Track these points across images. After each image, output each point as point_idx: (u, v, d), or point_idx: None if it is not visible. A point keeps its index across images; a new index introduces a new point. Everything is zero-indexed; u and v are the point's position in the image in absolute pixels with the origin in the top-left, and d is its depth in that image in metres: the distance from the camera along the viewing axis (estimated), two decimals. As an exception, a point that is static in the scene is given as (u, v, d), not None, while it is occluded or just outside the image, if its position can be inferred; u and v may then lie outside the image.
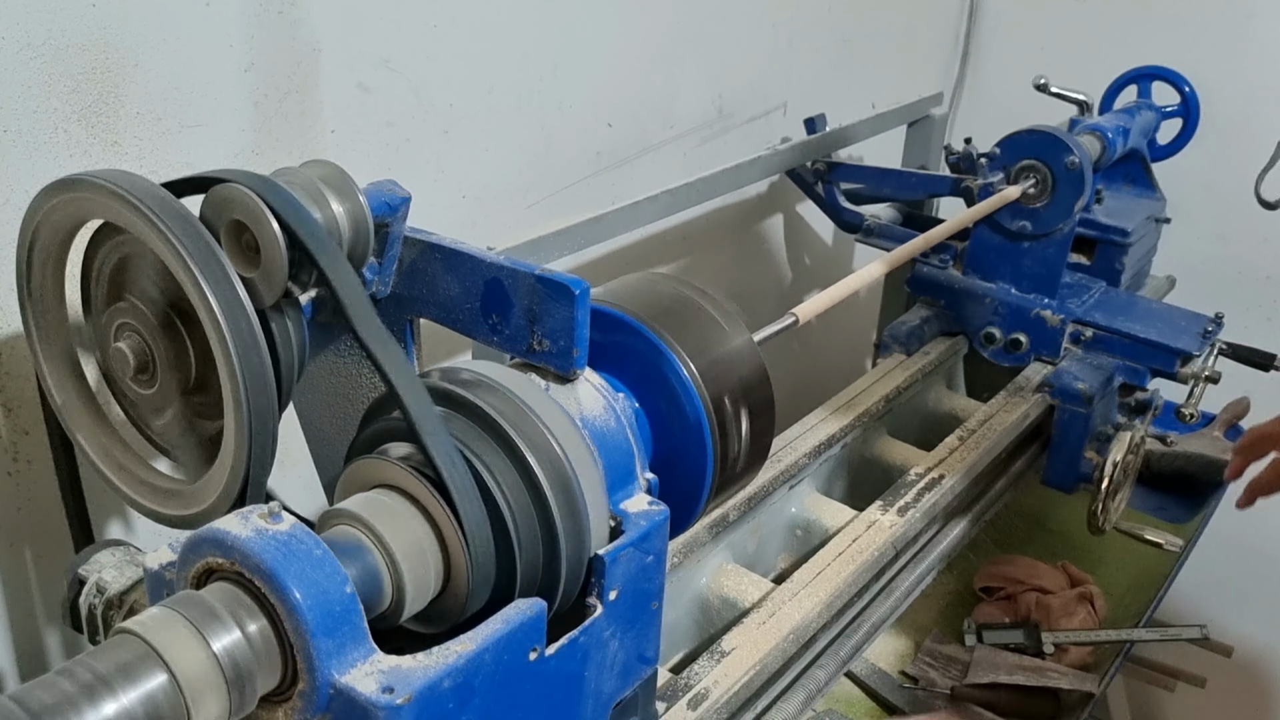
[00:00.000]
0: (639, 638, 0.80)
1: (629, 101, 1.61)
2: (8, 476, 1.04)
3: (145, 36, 1.02)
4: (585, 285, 0.78)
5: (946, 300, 1.72)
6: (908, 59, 2.26)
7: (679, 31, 1.66)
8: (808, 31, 1.93)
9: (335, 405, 0.92)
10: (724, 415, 0.88)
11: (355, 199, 0.80)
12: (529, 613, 0.68)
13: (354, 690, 0.60)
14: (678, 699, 0.99)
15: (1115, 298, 1.72)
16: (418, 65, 1.28)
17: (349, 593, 0.61)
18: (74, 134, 0.99)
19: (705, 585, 1.23)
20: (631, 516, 0.79)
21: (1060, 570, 1.54)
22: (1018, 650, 1.40)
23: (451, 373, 0.77)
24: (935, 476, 1.36)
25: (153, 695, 0.56)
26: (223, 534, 0.61)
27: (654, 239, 1.74)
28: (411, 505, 0.70)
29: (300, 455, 0.97)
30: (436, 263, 0.86)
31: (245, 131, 1.13)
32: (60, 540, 1.05)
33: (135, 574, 0.87)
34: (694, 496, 0.90)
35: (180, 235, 0.70)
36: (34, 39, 0.94)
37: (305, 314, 0.79)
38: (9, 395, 1.02)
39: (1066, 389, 1.55)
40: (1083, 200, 1.61)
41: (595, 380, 0.83)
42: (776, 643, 1.07)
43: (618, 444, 0.81)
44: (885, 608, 1.28)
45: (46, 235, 0.79)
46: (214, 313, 0.70)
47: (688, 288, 0.94)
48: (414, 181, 0.90)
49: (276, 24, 1.12)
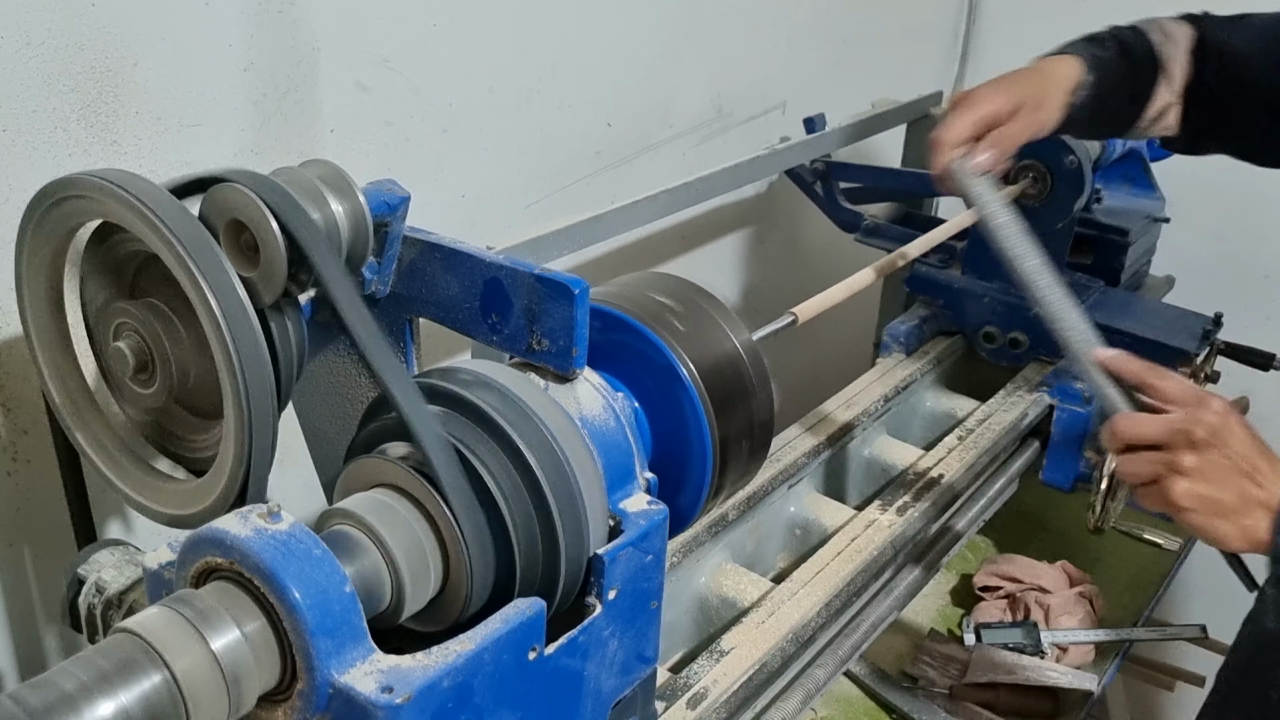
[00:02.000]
0: (638, 637, 0.81)
1: (628, 101, 1.61)
2: (7, 476, 1.04)
3: (145, 35, 1.02)
4: (584, 285, 0.78)
5: (945, 300, 1.72)
6: (907, 58, 2.26)
7: (678, 31, 1.66)
8: (807, 31, 1.93)
9: (334, 405, 0.92)
10: (723, 415, 0.88)
11: (354, 198, 0.80)
12: (528, 612, 0.68)
13: (353, 690, 0.60)
14: (677, 698, 0.99)
15: (1114, 297, 1.72)
16: (417, 64, 1.28)
17: (348, 592, 0.61)
18: (73, 133, 0.99)
19: (704, 584, 1.23)
20: (631, 516, 0.79)
21: (1059, 569, 1.54)
22: (1017, 649, 1.40)
23: (451, 372, 0.78)
24: (934, 476, 1.36)
25: (151, 695, 0.57)
26: (222, 533, 0.61)
27: (653, 238, 1.74)
28: (411, 505, 0.70)
29: (299, 455, 0.97)
30: (436, 262, 0.86)
31: (244, 131, 1.13)
32: (59, 539, 1.05)
33: (134, 573, 0.87)
34: (693, 496, 0.90)
35: (179, 235, 0.70)
36: (33, 38, 0.94)
37: (304, 314, 0.79)
38: (8, 395, 1.02)
39: (1065, 388, 1.55)
40: (1081, 200, 1.61)
41: (595, 380, 0.83)
42: (775, 642, 1.07)
43: (617, 443, 0.81)
44: (884, 607, 1.28)
45: (46, 234, 0.79)
46: (213, 312, 0.70)
47: (687, 287, 0.94)
48: (413, 181, 0.90)
49: (276, 23, 1.12)
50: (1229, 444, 0.93)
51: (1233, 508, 0.92)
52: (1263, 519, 0.91)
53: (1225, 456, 0.92)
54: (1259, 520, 0.91)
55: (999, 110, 1.16)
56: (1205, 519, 0.92)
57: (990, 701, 1.33)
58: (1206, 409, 0.94)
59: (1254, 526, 0.91)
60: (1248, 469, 0.92)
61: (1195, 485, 0.92)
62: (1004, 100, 1.16)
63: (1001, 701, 1.33)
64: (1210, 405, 0.94)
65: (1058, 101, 1.20)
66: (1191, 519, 0.93)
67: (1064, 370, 1.58)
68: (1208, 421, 0.93)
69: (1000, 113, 1.16)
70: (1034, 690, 1.35)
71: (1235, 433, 0.93)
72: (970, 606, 1.49)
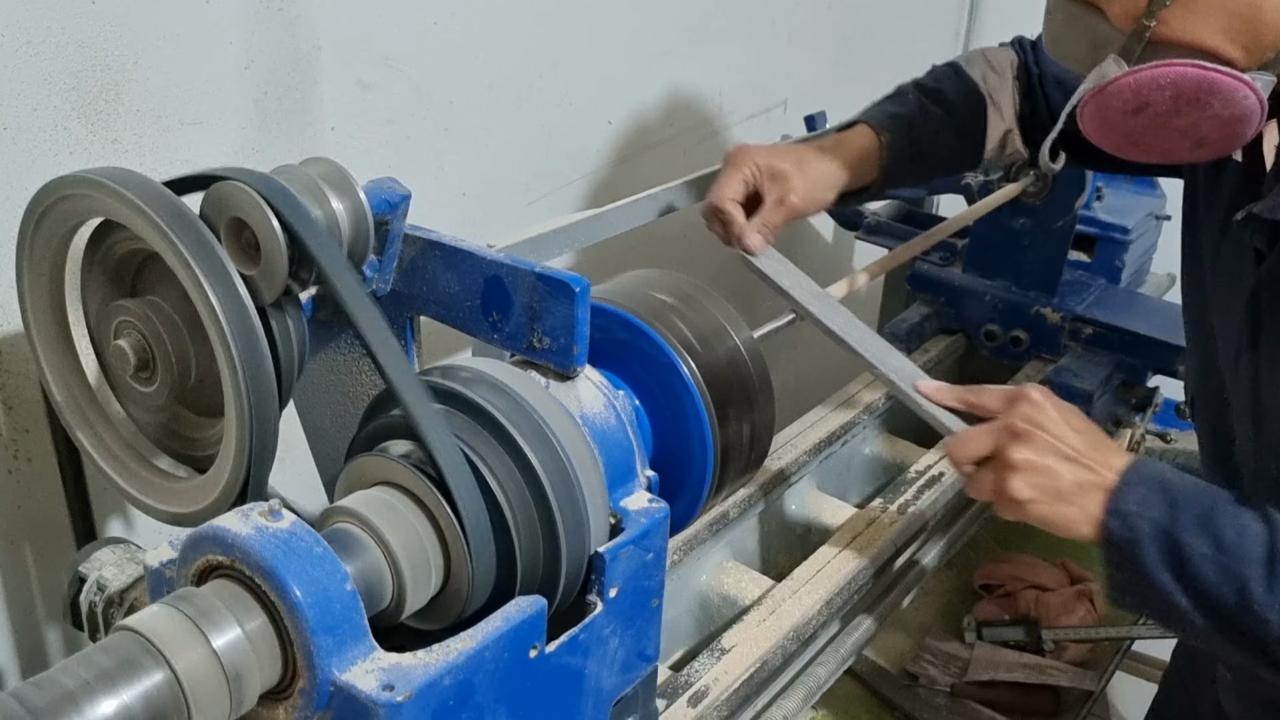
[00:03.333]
0: (639, 635, 0.81)
1: (629, 99, 1.61)
2: (8, 474, 1.04)
3: (145, 34, 1.01)
4: (585, 283, 0.78)
5: (946, 298, 1.72)
6: (908, 57, 2.26)
7: (679, 29, 1.66)
8: (808, 29, 1.93)
9: (335, 402, 0.92)
10: (724, 412, 0.88)
11: (355, 196, 0.80)
12: (529, 610, 0.68)
13: (354, 687, 0.60)
14: (678, 696, 0.99)
15: (1115, 295, 1.72)
16: (418, 62, 1.28)
17: (349, 590, 0.61)
18: (74, 131, 0.99)
19: (705, 583, 1.23)
20: (632, 514, 0.79)
21: (1060, 568, 1.54)
22: (1017, 647, 1.40)
23: (452, 370, 0.77)
24: (935, 474, 1.36)
25: (153, 693, 0.57)
26: (223, 531, 0.61)
27: (654, 237, 1.74)
28: (412, 502, 0.70)
29: (301, 453, 0.97)
30: (436, 260, 0.86)
31: (245, 129, 1.13)
32: (60, 538, 1.05)
33: (136, 572, 0.87)
34: (694, 494, 0.90)
35: (180, 233, 0.70)
36: (34, 36, 0.94)
37: (305, 311, 0.79)
38: (9, 393, 1.02)
39: (1066, 386, 1.55)
40: (1083, 198, 1.61)
41: (595, 377, 0.83)
42: (777, 640, 1.07)
43: (618, 441, 0.81)
44: (885, 605, 1.28)
45: (46, 232, 0.79)
46: (214, 310, 0.70)
47: (688, 285, 0.94)
48: (414, 179, 0.90)
49: (276, 21, 1.12)
50: (1047, 427, 0.94)
51: (1070, 491, 0.93)
52: (1097, 500, 0.92)
53: (1051, 439, 0.94)
54: (1095, 500, 0.92)
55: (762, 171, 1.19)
56: (1048, 507, 0.93)
57: (991, 699, 1.33)
58: (1021, 401, 0.97)
59: (1093, 506, 0.92)
60: (1070, 453, 0.94)
61: (1029, 476, 0.93)
62: (766, 162, 1.19)
63: (1002, 699, 1.33)
64: (1025, 396, 0.97)
65: (828, 180, 1.22)
66: (1037, 510, 0.94)
67: (1065, 369, 1.58)
68: (1023, 412, 0.95)
69: (763, 175, 1.19)
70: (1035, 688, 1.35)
71: (1050, 415, 0.95)
72: (971, 604, 1.49)
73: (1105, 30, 0.93)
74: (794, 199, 1.18)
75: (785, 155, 1.21)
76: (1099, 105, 0.94)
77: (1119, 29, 0.92)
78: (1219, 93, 0.88)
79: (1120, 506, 0.90)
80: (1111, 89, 0.92)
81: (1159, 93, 0.90)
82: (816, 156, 1.22)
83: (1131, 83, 0.90)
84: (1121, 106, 0.92)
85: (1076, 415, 0.97)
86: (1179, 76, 0.88)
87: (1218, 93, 0.88)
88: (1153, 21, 0.89)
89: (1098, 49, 0.94)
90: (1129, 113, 0.92)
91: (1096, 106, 0.94)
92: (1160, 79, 0.89)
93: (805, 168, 1.20)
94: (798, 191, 1.18)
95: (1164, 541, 0.88)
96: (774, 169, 1.19)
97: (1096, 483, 0.92)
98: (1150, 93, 0.90)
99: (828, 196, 1.23)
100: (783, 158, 1.20)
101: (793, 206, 1.19)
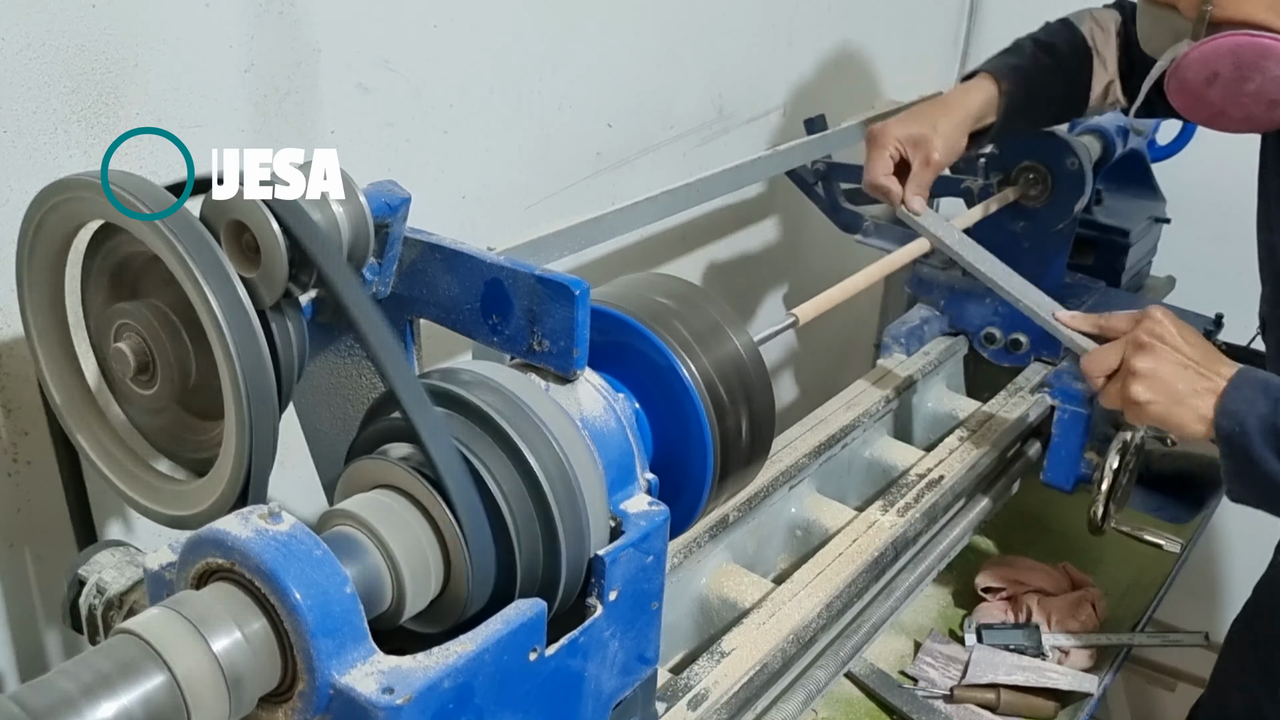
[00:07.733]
0: (639, 638, 0.80)
1: (629, 101, 1.61)
2: (7, 477, 1.04)
3: (145, 37, 1.02)
4: (585, 286, 0.78)
5: (947, 300, 1.72)
6: (907, 59, 2.26)
7: (679, 31, 1.66)
8: (808, 31, 1.93)
9: (335, 405, 0.92)
10: (724, 416, 0.88)
11: (355, 199, 0.80)
12: (529, 613, 0.68)
13: (354, 690, 0.60)
14: (678, 699, 0.99)
15: (1115, 298, 1.72)
16: (418, 65, 1.28)
17: (349, 593, 0.61)
18: (74, 134, 0.99)
19: (705, 585, 1.23)
20: (631, 517, 0.79)
21: (1061, 571, 1.54)
22: (1018, 651, 1.40)
23: (452, 373, 0.77)
24: (935, 477, 1.36)
25: (152, 696, 0.57)
26: (223, 534, 0.61)
27: (654, 239, 1.74)
28: (412, 506, 0.70)
29: (300, 456, 0.97)
30: (436, 263, 0.86)
31: (245, 132, 1.13)
32: (60, 541, 1.05)
33: (135, 574, 0.87)
34: (694, 497, 0.90)
35: (180, 236, 0.70)
36: (34, 39, 0.94)
37: (305, 314, 0.79)
38: (9, 396, 1.02)
39: (1066, 389, 1.54)
40: (1083, 201, 1.61)
41: (595, 381, 0.83)
42: (776, 643, 1.07)
43: (618, 444, 0.81)
44: (885, 608, 1.28)
45: (46, 236, 0.79)
46: (214, 313, 0.70)
47: (688, 288, 0.94)
48: (414, 182, 0.90)
49: (276, 24, 1.12)
50: (1166, 339, 1.10)
51: (1185, 394, 1.07)
52: (1209, 402, 1.06)
53: (1169, 349, 1.09)
54: (1207, 403, 1.06)
55: (904, 143, 1.38)
56: (1164, 408, 1.08)
57: (990, 702, 1.32)
58: (1146, 319, 1.12)
59: (1204, 408, 1.06)
60: (1186, 361, 1.09)
61: (1149, 381, 1.09)
62: (904, 133, 1.38)
63: (1002, 703, 1.33)
64: (1149, 314, 1.13)
65: (960, 130, 1.41)
66: (1155, 410, 1.09)
67: (1065, 371, 1.57)
68: (1146, 327, 1.11)
69: (905, 145, 1.38)
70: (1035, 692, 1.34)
71: (1169, 330, 1.11)
72: (971, 608, 1.49)
73: (1180, 22, 1.13)
74: (936, 157, 1.37)
75: (920, 120, 1.39)
76: (1179, 81, 1.13)
77: (1188, 18, 1.11)
78: (1272, 55, 1.07)
79: (1229, 406, 1.05)
80: (1184, 62, 1.11)
81: (1221, 60, 1.09)
82: (945, 112, 1.40)
83: (1198, 55, 1.10)
84: (1195, 77, 1.11)
85: (1192, 331, 1.12)
86: (1235, 45, 1.08)
87: (1271, 55, 1.07)
88: (1210, 6, 1.09)
89: (1177, 39, 1.13)
90: (1203, 83, 1.11)
91: (1178, 82, 1.13)
92: (1220, 48, 1.09)
93: (939, 126, 1.38)
94: (939, 150, 1.37)
95: (1270, 432, 1.02)
96: (913, 136, 1.38)
97: (1209, 387, 1.07)
98: (1215, 61, 1.09)
99: (961, 144, 1.41)
100: (919, 123, 1.39)
101: (937, 164, 1.38)
